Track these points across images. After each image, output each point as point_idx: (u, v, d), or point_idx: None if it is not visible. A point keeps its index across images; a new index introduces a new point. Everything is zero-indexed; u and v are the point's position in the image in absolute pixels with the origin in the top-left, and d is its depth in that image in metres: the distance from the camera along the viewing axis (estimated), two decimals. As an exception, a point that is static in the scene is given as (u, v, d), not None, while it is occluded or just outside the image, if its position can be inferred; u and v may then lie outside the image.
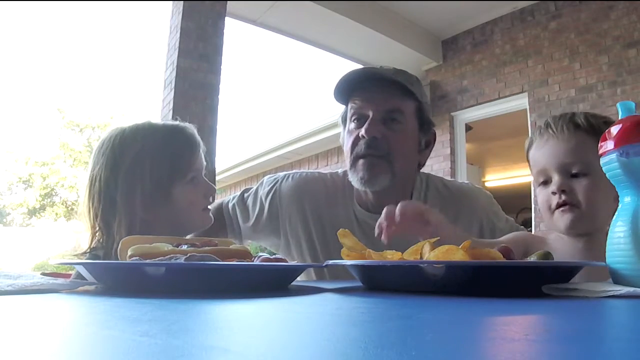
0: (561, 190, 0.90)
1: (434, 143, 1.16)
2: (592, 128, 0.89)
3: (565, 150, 0.91)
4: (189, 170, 0.96)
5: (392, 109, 1.06)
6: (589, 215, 0.89)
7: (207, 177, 1.03)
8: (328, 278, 1.15)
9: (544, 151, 0.95)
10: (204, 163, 1.02)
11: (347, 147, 1.09)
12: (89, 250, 0.92)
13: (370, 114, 1.05)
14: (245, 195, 1.25)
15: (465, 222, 1.14)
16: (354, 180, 1.07)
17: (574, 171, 0.90)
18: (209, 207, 1.03)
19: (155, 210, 0.93)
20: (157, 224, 0.93)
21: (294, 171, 1.26)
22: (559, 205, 0.91)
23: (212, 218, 1.03)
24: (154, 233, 0.88)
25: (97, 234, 0.93)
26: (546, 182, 0.95)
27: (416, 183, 1.17)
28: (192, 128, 1.03)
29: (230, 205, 1.25)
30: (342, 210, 1.16)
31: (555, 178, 0.92)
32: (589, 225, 0.90)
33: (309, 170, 1.25)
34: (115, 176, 0.91)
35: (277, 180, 1.22)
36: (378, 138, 1.04)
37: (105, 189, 0.91)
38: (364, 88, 1.07)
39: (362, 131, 1.04)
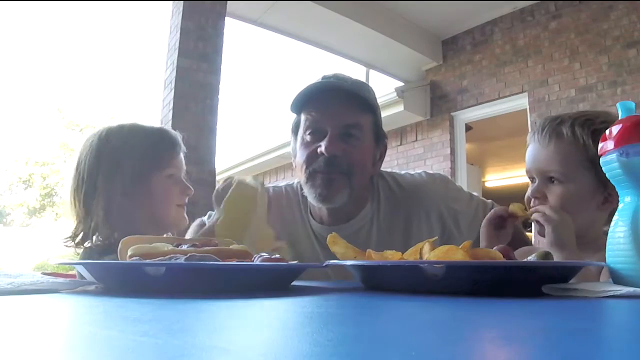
0: (534, 197, 0.95)
1: (385, 154, 1.14)
2: (574, 138, 0.91)
3: (543, 157, 0.94)
4: (168, 166, 1.04)
5: (351, 124, 1.03)
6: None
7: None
8: (332, 279, 1.15)
9: (529, 153, 0.99)
10: (184, 166, 1.09)
11: (300, 160, 1.06)
12: (70, 236, 1.00)
13: (329, 129, 1.02)
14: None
15: (422, 217, 1.11)
16: (311, 196, 1.04)
17: (550, 176, 0.93)
18: (185, 206, 1.08)
19: (133, 196, 0.99)
20: (134, 210, 1.00)
21: None
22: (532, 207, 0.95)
23: (187, 218, 1.08)
24: (131, 220, 0.99)
25: (80, 219, 0.99)
26: (533, 180, 0.98)
27: (369, 190, 1.15)
28: (175, 133, 1.10)
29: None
30: (300, 226, 1.14)
31: (535, 181, 0.96)
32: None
33: (272, 185, 1.22)
34: (99, 162, 0.99)
35: None
36: (338, 156, 1.01)
37: (89, 175, 0.99)
38: (320, 100, 1.04)
39: (322, 148, 1.01)
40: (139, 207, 1.01)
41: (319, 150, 1.01)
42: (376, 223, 1.12)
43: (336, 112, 1.03)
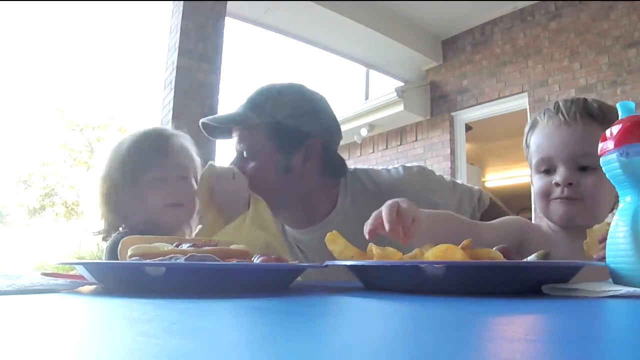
0: (567, 184, 0.84)
1: (317, 150, 1.08)
2: (604, 117, 0.83)
3: (577, 140, 0.84)
4: (153, 168, 1.07)
5: (242, 148, 1.08)
6: (590, 210, 0.85)
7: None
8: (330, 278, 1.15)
9: (553, 138, 0.88)
10: (179, 165, 1.10)
11: None
12: (103, 232, 1.11)
13: (235, 154, 1.10)
14: None
15: None
16: None
17: (583, 164, 0.84)
18: (181, 206, 1.08)
19: (127, 197, 1.06)
20: (133, 213, 1.07)
21: None
22: (557, 197, 0.86)
23: (178, 217, 1.09)
24: (133, 223, 1.06)
25: (102, 216, 1.10)
26: (548, 171, 0.89)
27: (340, 189, 1.13)
28: (167, 134, 1.14)
29: None
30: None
31: (561, 169, 0.86)
32: (588, 220, 0.84)
33: None
34: (108, 167, 1.10)
35: None
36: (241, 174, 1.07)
37: (100, 177, 1.11)
38: (221, 135, 1.13)
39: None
40: (135, 210, 1.07)
41: None
42: (350, 222, 1.08)
43: (235, 140, 1.10)
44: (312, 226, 1.11)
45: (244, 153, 1.07)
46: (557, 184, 0.86)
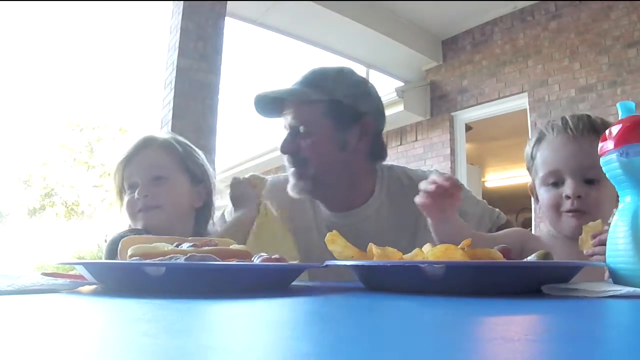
0: (576, 196, 0.89)
1: (370, 128, 1.14)
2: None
3: (584, 154, 0.88)
4: (123, 179, 1.09)
5: (295, 125, 1.10)
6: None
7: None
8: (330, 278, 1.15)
9: (561, 152, 0.92)
10: (142, 169, 1.08)
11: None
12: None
13: (287, 129, 1.12)
14: (225, 212, 1.26)
15: None
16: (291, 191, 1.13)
17: (588, 177, 0.88)
18: (145, 210, 1.06)
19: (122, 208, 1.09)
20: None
21: (270, 176, 1.27)
22: (568, 210, 0.90)
23: (148, 219, 1.06)
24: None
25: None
26: (556, 184, 0.93)
27: (377, 176, 1.19)
28: (136, 141, 1.12)
29: (225, 213, 1.26)
30: (309, 208, 1.19)
31: (569, 181, 0.90)
32: None
33: (281, 175, 1.26)
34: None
35: None
36: (293, 153, 1.10)
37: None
38: (283, 107, 1.14)
39: (280, 146, 1.11)
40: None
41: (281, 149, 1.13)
42: (384, 212, 1.15)
43: (288, 118, 1.11)
44: (350, 211, 1.15)
45: (300, 129, 1.09)
46: (567, 197, 0.90)
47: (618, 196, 0.83)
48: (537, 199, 1.01)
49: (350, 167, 1.13)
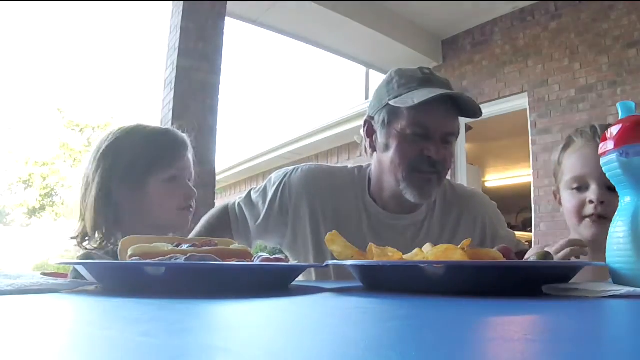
0: (600, 202, 0.92)
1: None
2: None
3: None
4: (169, 168, 1.02)
5: (450, 133, 1.09)
6: None
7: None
8: (333, 278, 1.15)
9: (588, 159, 0.95)
10: (191, 168, 1.08)
11: (399, 156, 1.09)
12: (75, 236, 1.00)
13: (437, 135, 1.07)
14: (253, 193, 1.25)
15: (469, 223, 1.18)
16: (409, 191, 1.09)
17: (611, 184, 0.92)
18: (190, 209, 1.06)
19: (130, 199, 0.99)
20: (132, 213, 1.00)
21: (303, 164, 1.26)
22: (591, 214, 0.93)
23: (189, 220, 1.07)
24: (130, 222, 0.99)
25: (82, 218, 1.00)
26: (580, 189, 0.96)
27: None
28: (182, 135, 1.09)
29: (236, 205, 1.25)
30: (352, 201, 1.18)
31: (594, 187, 0.93)
32: None
33: (318, 163, 1.26)
34: (98, 164, 1.00)
35: (286, 174, 1.22)
36: (440, 160, 1.08)
37: (89, 176, 1.01)
38: (437, 106, 1.06)
39: (432, 152, 1.06)
40: (136, 210, 1.00)
41: (425, 152, 1.07)
42: (430, 219, 1.18)
43: (446, 121, 1.08)
44: (405, 215, 1.17)
45: (452, 139, 1.09)
46: (591, 201, 0.94)
47: None
48: (560, 203, 1.05)
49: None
